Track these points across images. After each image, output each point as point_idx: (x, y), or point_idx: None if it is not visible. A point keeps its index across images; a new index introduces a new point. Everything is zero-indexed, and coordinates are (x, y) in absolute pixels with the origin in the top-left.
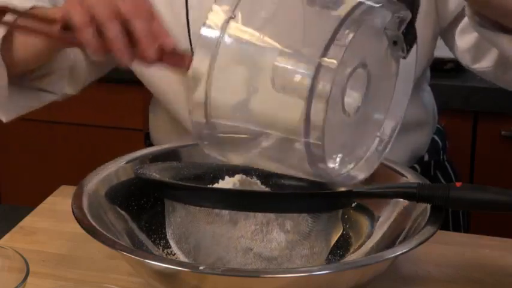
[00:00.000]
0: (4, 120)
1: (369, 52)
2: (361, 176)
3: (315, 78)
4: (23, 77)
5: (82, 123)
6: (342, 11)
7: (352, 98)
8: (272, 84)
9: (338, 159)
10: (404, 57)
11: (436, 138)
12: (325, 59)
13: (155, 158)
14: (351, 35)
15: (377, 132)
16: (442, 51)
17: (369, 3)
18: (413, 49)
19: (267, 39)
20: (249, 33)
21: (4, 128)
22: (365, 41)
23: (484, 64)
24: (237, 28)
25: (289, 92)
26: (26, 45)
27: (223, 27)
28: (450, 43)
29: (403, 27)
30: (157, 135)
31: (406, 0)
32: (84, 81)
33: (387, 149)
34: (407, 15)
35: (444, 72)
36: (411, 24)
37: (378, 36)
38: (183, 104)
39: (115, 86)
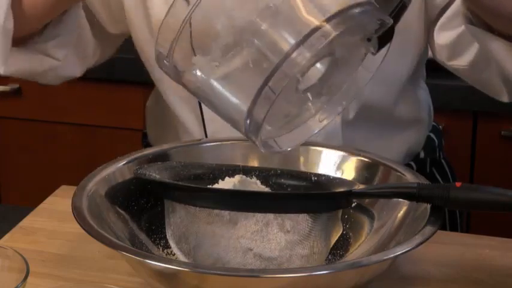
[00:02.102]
0: (2, 72)
1: (341, 43)
2: (286, 146)
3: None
4: (27, 41)
5: (82, 123)
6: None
7: (308, 77)
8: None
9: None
10: (373, 54)
11: (432, 135)
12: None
13: (155, 158)
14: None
15: (324, 105)
16: None
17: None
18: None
19: None
20: None
21: (4, 128)
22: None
23: (461, 62)
24: None
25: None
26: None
27: None
28: (429, 38)
29: (380, 31)
30: (154, 135)
31: (391, 6)
32: (91, 60)
33: (325, 123)
34: (389, 23)
35: (444, 72)
36: (391, 28)
37: (355, 30)
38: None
39: (115, 86)
